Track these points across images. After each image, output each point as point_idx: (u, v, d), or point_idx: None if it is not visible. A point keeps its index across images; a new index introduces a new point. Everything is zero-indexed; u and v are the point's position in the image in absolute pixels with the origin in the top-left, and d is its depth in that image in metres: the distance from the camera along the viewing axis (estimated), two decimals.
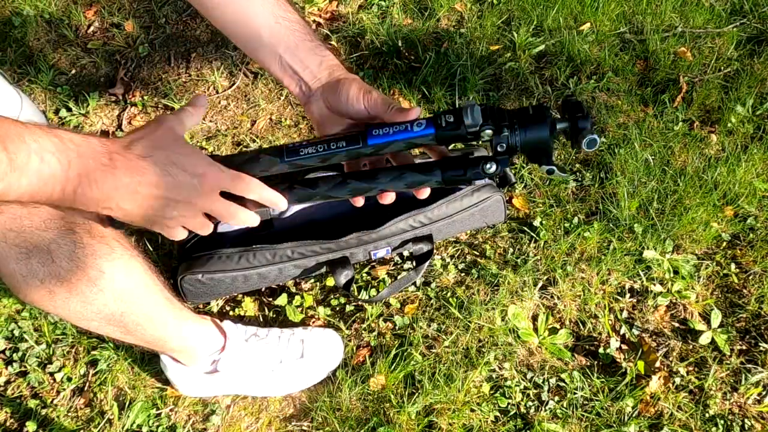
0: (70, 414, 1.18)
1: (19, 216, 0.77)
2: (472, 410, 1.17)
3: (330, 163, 0.72)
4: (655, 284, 1.32)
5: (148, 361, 1.21)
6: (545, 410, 1.17)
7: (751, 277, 1.33)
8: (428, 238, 1.26)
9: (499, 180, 1.35)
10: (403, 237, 1.26)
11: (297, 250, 1.21)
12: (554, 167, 0.70)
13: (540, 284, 1.32)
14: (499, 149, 0.69)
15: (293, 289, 1.31)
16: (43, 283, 0.82)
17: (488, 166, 0.70)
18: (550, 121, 0.68)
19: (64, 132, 0.57)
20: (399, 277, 1.30)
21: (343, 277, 1.21)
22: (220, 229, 1.28)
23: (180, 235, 0.67)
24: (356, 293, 1.30)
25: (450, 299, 1.29)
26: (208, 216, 0.67)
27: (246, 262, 1.19)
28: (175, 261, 1.25)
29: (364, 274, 1.33)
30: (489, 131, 0.68)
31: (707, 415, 1.17)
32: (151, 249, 1.33)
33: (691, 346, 1.25)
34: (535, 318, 1.29)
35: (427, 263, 1.25)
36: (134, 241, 0.96)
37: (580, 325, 1.28)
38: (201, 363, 1.12)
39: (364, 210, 1.33)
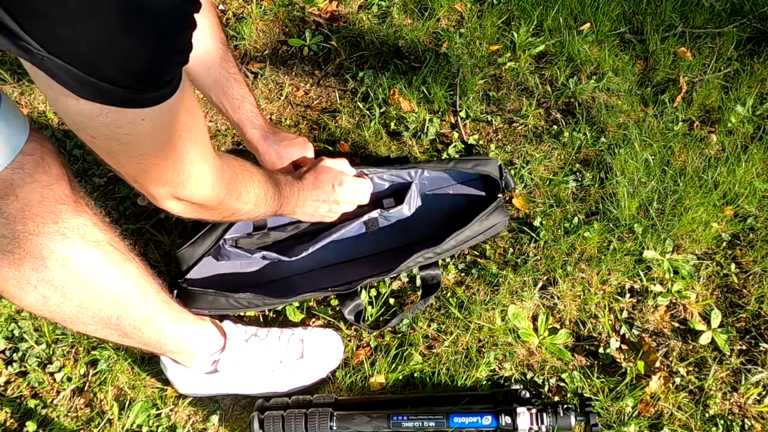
0: (70, 414, 1.18)
1: (12, 221, 0.76)
2: None
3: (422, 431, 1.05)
4: (655, 284, 1.32)
5: (148, 361, 1.21)
6: None
7: (751, 277, 1.33)
8: (435, 265, 1.27)
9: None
10: (412, 269, 1.29)
11: (307, 296, 1.24)
12: None
13: (540, 284, 1.32)
14: None
15: None
16: (37, 289, 0.82)
17: None
18: (575, 416, 1.05)
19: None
20: (405, 308, 1.29)
21: (353, 307, 1.22)
22: (223, 269, 1.28)
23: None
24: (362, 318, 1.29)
25: (450, 299, 1.29)
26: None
27: (255, 306, 1.23)
28: (175, 261, 1.25)
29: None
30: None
31: (707, 415, 1.17)
32: (152, 248, 1.33)
33: (691, 346, 1.25)
34: (535, 318, 1.29)
35: (433, 296, 1.25)
36: (130, 244, 0.95)
37: (580, 325, 1.28)
38: (201, 364, 1.12)
39: (377, 252, 1.34)
